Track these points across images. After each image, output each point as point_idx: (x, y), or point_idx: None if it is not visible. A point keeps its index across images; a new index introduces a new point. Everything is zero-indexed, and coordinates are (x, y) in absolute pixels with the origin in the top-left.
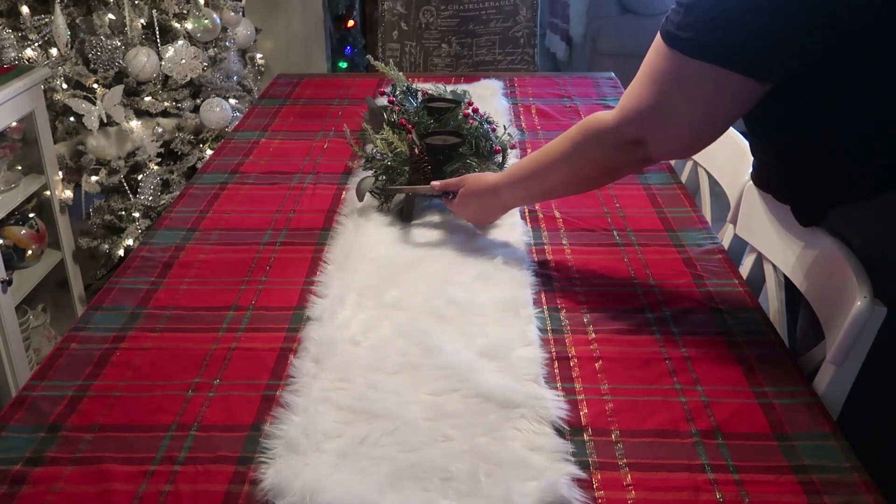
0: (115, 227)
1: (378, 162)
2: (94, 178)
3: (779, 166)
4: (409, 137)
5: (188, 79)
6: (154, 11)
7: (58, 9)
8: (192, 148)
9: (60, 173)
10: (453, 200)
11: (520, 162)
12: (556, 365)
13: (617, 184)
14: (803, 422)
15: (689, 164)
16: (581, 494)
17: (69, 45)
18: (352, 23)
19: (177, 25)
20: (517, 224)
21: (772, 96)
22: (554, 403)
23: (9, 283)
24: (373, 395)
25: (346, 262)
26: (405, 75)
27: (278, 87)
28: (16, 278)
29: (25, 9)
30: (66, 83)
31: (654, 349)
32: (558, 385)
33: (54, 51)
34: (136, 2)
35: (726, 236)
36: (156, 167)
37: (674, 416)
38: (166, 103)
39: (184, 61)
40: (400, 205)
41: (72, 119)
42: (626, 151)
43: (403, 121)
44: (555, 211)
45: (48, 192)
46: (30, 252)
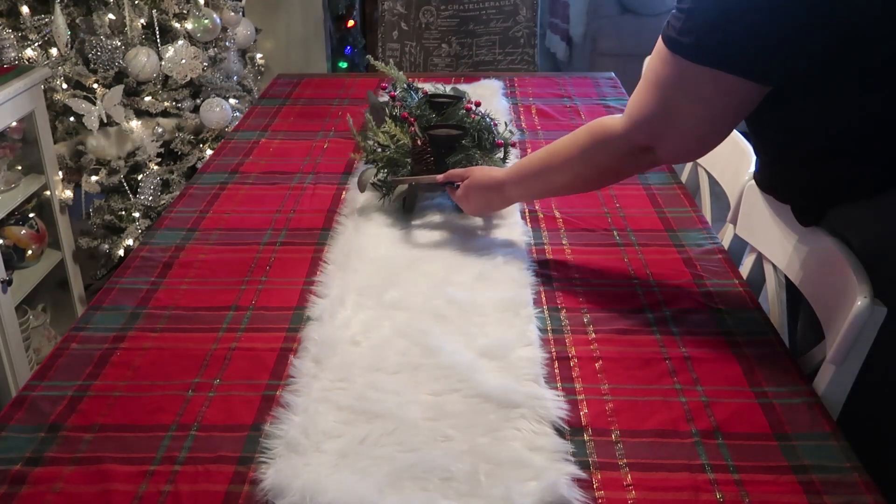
0: (115, 227)
1: (380, 154)
2: (94, 178)
3: (779, 166)
4: (411, 129)
5: (188, 79)
6: (154, 11)
7: (58, 9)
8: (192, 148)
9: (60, 173)
10: (456, 191)
11: (525, 160)
12: (556, 365)
13: (617, 184)
14: (803, 422)
15: (689, 164)
16: (581, 494)
17: (69, 45)
18: (352, 23)
19: (177, 25)
20: (517, 224)
21: (772, 97)
22: (554, 403)
23: (9, 283)
24: (373, 395)
25: (346, 262)
26: (405, 75)
27: (278, 87)
28: (16, 278)
29: (25, 9)
30: (66, 83)
31: (654, 349)
32: (558, 385)
33: (54, 51)
34: (136, 2)
35: (726, 236)
36: (156, 167)
37: (674, 416)
38: (166, 103)
39: (184, 61)
40: (402, 195)
41: (72, 119)
42: (634, 157)
43: (406, 114)
44: (555, 211)
45: (48, 192)
46: (30, 252)
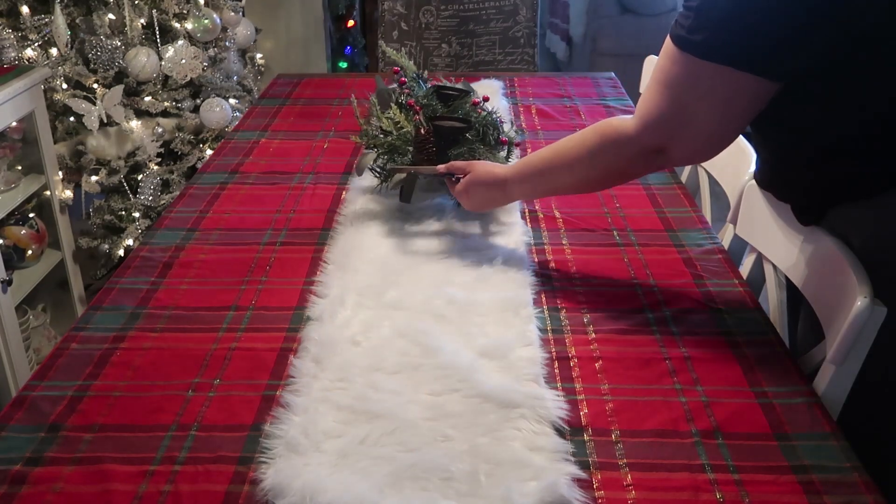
0: (115, 227)
1: (382, 139)
2: (94, 178)
3: (780, 165)
4: (416, 118)
5: (188, 79)
6: (154, 11)
7: (58, 9)
8: (192, 148)
9: (60, 173)
10: (456, 184)
11: (529, 158)
12: (556, 365)
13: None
14: (803, 422)
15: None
16: (581, 494)
17: (69, 45)
18: (352, 23)
19: (177, 25)
20: (517, 224)
21: (775, 96)
22: (554, 403)
23: (9, 283)
24: (373, 395)
25: (346, 262)
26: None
27: (278, 87)
28: (16, 278)
29: (25, 9)
30: (66, 83)
31: (654, 349)
32: (558, 385)
33: (54, 51)
34: (136, 2)
35: (726, 236)
36: (156, 167)
37: (674, 416)
38: (166, 103)
39: (184, 61)
40: (400, 184)
41: (72, 119)
42: (645, 159)
43: (412, 102)
44: (555, 211)
45: (48, 192)
46: (30, 252)
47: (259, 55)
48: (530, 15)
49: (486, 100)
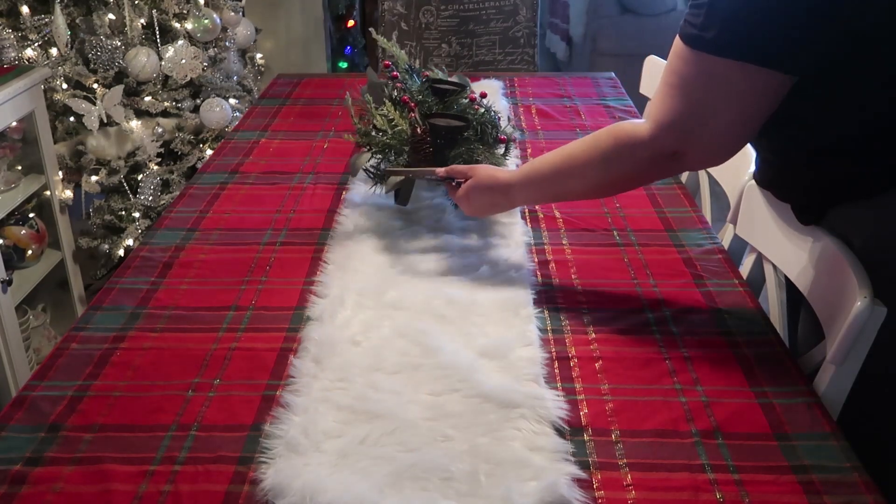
0: (115, 227)
1: (374, 139)
2: (94, 178)
3: (781, 164)
4: (411, 116)
5: (188, 79)
6: (154, 11)
7: (58, 9)
8: (192, 148)
9: (60, 173)
10: (456, 189)
11: (535, 163)
12: (556, 365)
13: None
14: (803, 422)
15: None
16: (581, 494)
17: (69, 45)
18: (352, 23)
19: (177, 25)
20: (517, 224)
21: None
22: (554, 403)
23: (9, 283)
24: (373, 395)
25: (346, 262)
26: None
27: (278, 87)
28: (16, 278)
29: (25, 9)
30: (66, 83)
31: (654, 349)
32: (558, 385)
33: (54, 51)
34: (136, 2)
35: (726, 236)
36: (156, 167)
37: (674, 416)
38: (166, 103)
39: (184, 61)
40: (396, 186)
41: (72, 119)
42: (659, 163)
43: (406, 98)
44: (555, 211)
45: (48, 192)
46: (30, 252)
47: (259, 55)
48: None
49: (483, 96)
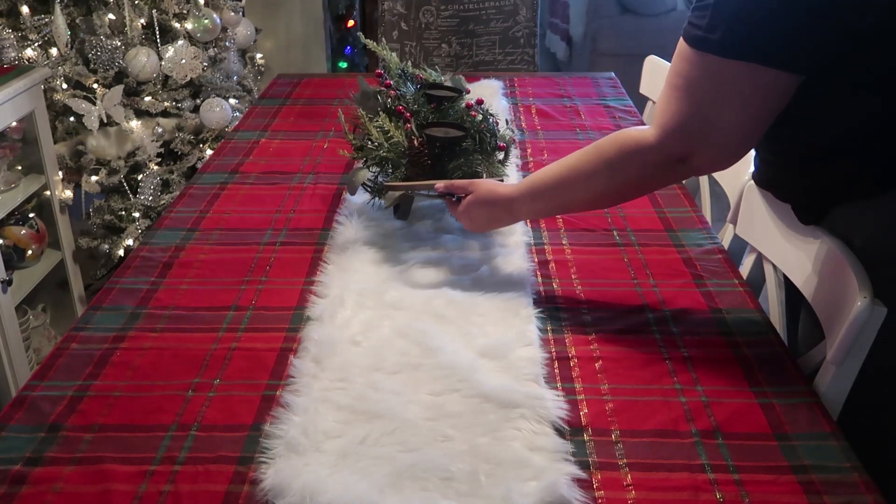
0: (115, 227)
1: (371, 152)
2: (94, 178)
3: (781, 164)
4: (407, 127)
5: (188, 79)
6: (154, 11)
7: (58, 9)
8: (192, 148)
9: (60, 173)
10: (456, 204)
11: (537, 176)
12: (556, 365)
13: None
14: (803, 422)
15: None
16: (581, 494)
17: (69, 45)
18: (352, 23)
19: (177, 25)
20: (517, 224)
21: None
22: (554, 403)
23: (9, 283)
24: (373, 395)
25: (346, 262)
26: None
27: (278, 87)
28: (16, 278)
29: (25, 9)
30: (66, 83)
31: (654, 349)
32: (558, 385)
33: (54, 51)
34: (136, 2)
35: (726, 236)
36: (156, 167)
37: (674, 416)
38: (166, 103)
39: (184, 61)
40: (396, 201)
41: (72, 119)
42: (667, 169)
43: (401, 108)
44: None
45: (48, 192)
46: (30, 252)
47: (259, 55)
48: (530, 15)
49: (479, 102)
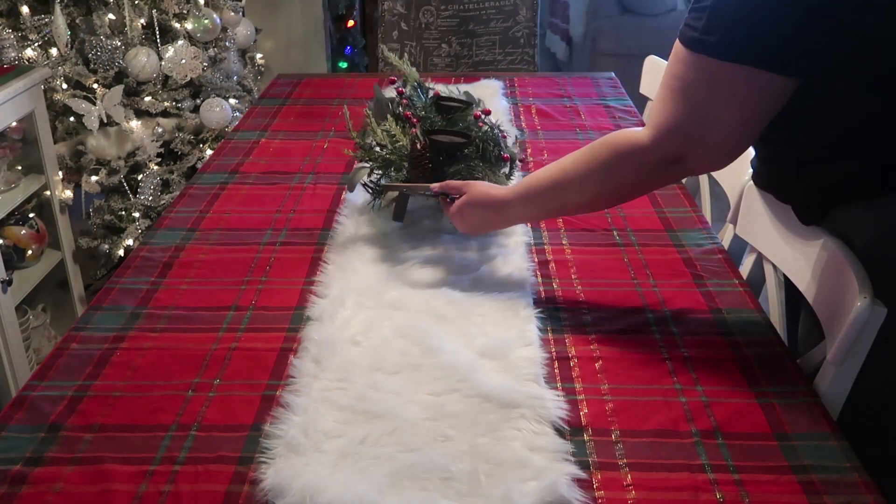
0: (115, 227)
1: (375, 154)
2: (94, 178)
3: (782, 165)
4: (412, 131)
5: (188, 79)
6: (154, 11)
7: (58, 9)
8: (192, 148)
9: (60, 173)
10: (451, 205)
11: (531, 178)
12: (556, 365)
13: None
14: (803, 422)
15: None
16: (581, 494)
17: (69, 45)
18: (352, 23)
19: (177, 25)
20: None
21: None
22: (554, 403)
23: (9, 283)
24: (373, 395)
25: (346, 262)
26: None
27: (278, 87)
28: (16, 278)
29: (25, 9)
30: (66, 83)
31: (654, 349)
32: (558, 385)
33: (54, 51)
34: (136, 2)
35: (726, 236)
36: (156, 167)
37: (674, 416)
38: (166, 103)
39: (184, 61)
40: (392, 201)
41: (72, 119)
42: (662, 170)
43: (409, 114)
44: None
45: (48, 192)
46: (30, 252)
47: (259, 55)
48: (530, 15)
49: (487, 113)
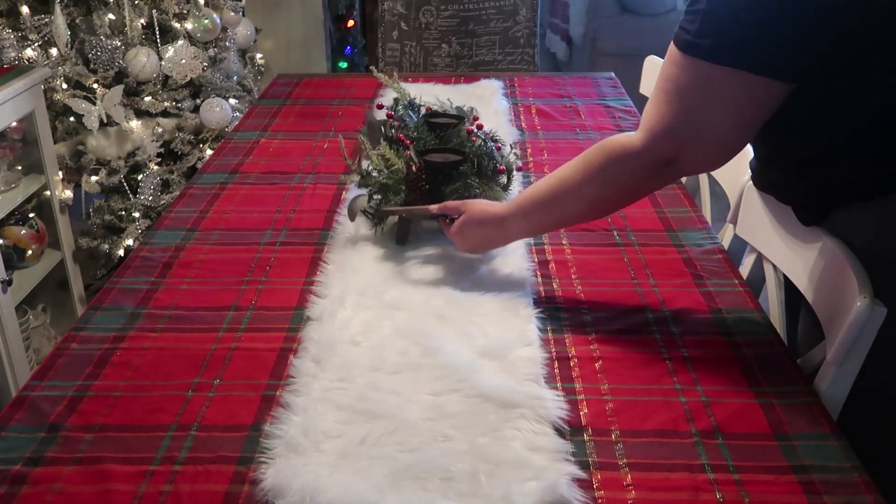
0: (115, 227)
1: (373, 179)
2: (94, 178)
3: (781, 167)
4: (406, 154)
5: (188, 79)
6: (154, 11)
7: (58, 9)
8: (192, 148)
9: (60, 173)
10: (451, 225)
11: (527, 192)
12: (556, 365)
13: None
14: (803, 422)
15: None
16: (581, 494)
17: (69, 45)
18: (352, 23)
19: (177, 25)
20: None
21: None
22: (554, 403)
23: (9, 283)
24: (373, 395)
25: (346, 262)
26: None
27: (278, 87)
28: (16, 278)
29: (25, 9)
30: (66, 83)
31: (654, 349)
32: (558, 385)
33: (54, 51)
34: (136, 2)
35: (726, 236)
36: (156, 167)
37: (674, 416)
38: (166, 103)
39: (184, 61)
40: (395, 226)
41: (72, 119)
42: (657, 172)
43: (401, 136)
44: None
45: (48, 192)
46: (30, 252)
47: (259, 55)
48: (530, 15)
49: (479, 127)
